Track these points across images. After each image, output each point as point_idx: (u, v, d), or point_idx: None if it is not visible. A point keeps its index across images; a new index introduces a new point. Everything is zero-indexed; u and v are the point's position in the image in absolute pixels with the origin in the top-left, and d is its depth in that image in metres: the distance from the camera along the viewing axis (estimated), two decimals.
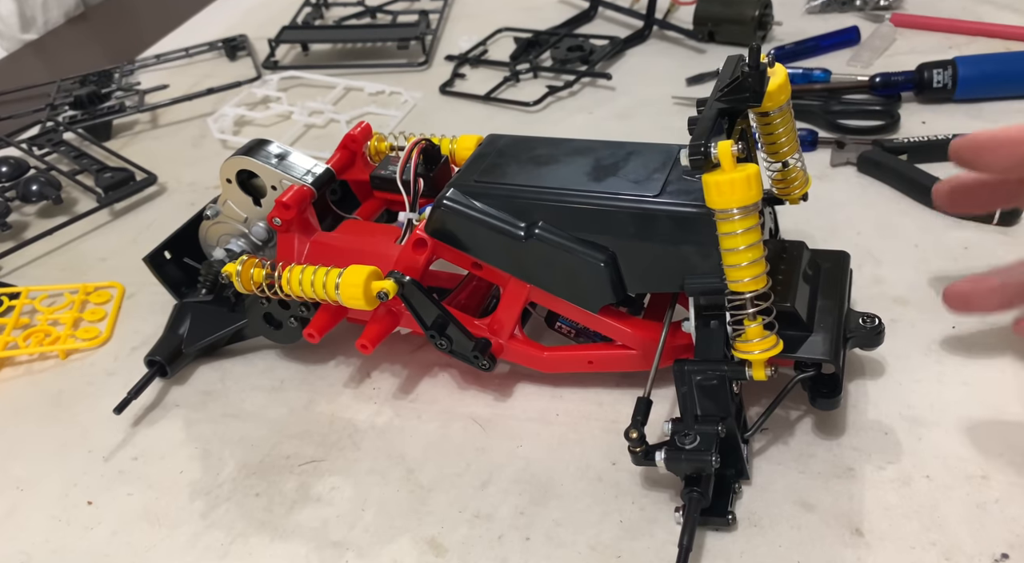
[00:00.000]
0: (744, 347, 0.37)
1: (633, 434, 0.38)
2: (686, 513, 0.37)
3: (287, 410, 0.49)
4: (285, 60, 0.89)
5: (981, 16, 0.76)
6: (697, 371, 0.38)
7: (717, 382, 0.38)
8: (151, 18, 1.08)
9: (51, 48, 1.06)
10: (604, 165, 0.43)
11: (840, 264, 0.45)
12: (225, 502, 0.44)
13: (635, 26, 0.83)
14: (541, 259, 0.42)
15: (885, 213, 0.55)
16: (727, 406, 0.39)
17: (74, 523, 0.44)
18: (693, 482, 0.38)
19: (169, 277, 0.55)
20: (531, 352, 0.46)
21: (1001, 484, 0.39)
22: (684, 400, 0.39)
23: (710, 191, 0.35)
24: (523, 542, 0.40)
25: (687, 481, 0.38)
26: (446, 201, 0.44)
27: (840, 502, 0.39)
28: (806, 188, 0.45)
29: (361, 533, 0.42)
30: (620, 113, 0.72)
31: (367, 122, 0.53)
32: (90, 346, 0.56)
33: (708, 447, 0.38)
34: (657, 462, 0.38)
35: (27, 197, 0.69)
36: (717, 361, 0.39)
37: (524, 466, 0.44)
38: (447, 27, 0.92)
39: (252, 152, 0.50)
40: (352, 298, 0.43)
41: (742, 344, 0.37)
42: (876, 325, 0.42)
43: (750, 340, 0.37)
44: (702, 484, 0.38)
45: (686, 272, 0.39)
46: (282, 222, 0.48)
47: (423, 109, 0.77)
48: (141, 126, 0.82)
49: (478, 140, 0.50)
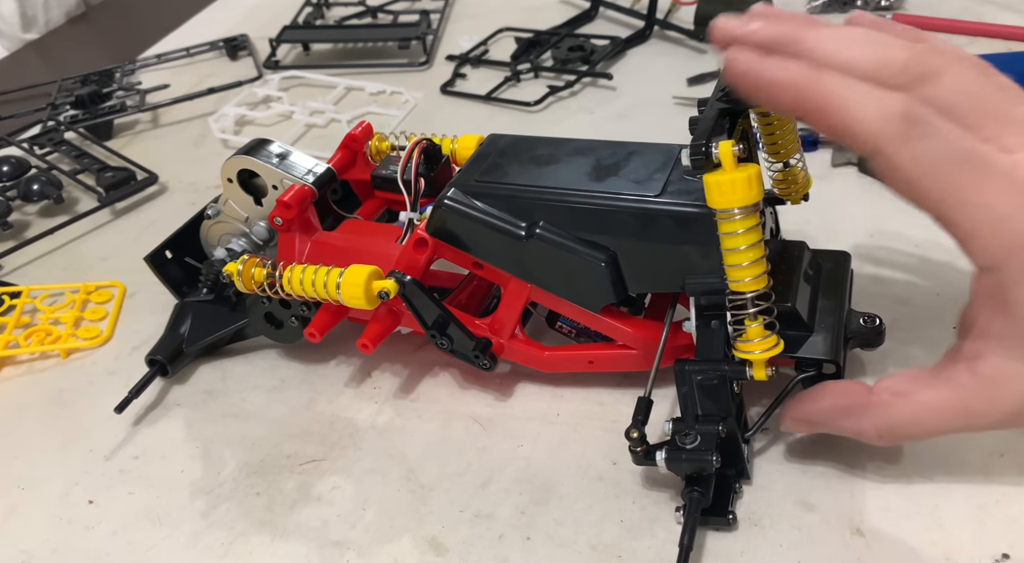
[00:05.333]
0: (745, 347, 0.37)
1: (634, 434, 0.38)
2: (687, 513, 0.37)
3: (288, 409, 0.49)
4: (286, 60, 0.89)
5: (982, 16, 0.76)
6: (698, 371, 0.38)
7: (718, 382, 0.38)
8: (152, 18, 1.08)
9: (52, 48, 1.06)
10: (605, 165, 0.43)
11: (841, 264, 0.45)
12: (226, 501, 0.44)
13: (636, 26, 0.83)
14: (542, 259, 0.42)
15: (886, 213, 0.55)
16: (728, 406, 0.39)
17: (75, 522, 0.44)
18: (694, 482, 0.38)
19: (170, 276, 0.55)
20: (532, 352, 0.46)
21: (1001, 484, 0.39)
22: (685, 400, 0.39)
23: (711, 191, 0.35)
24: (524, 542, 0.40)
25: (688, 481, 0.38)
26: (447, 201, 0.44)
27: (840, 502, 0.39)
28: (807, 188, 0.45)
29: (362, 532, 0.42)
30: (621, 113, 0.72)
31: (368, 122, 0.53)
32: (91, 345, 0.56)
33: (709, 447, 0.38)
34: (658, 462, 0.38)
35: (28, 196, 0.69)
36: (718, 361, 0.39)
37: (525, 466, 0.44)
38: (448, 27, 0.92)
39: (253, 152, 0.50)
40: (353, 297, 0.43)
41: (743, 344, 0.37)
42: (877, 325, 0.42)
43: (751, 340, 0.37)
44: (703, 484, 0.38)
45: (687, 272, 0.39)
46: (283, 222, 0.48)
47: (424, 109, 0.77)
48: (142, 126, 0.82)
49: (479, 140, 0.50)
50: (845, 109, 0.32)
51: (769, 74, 0.33)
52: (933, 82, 0.32)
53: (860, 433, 0.37)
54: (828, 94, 0.32)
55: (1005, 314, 0.32)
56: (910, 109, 0.31)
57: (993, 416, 0.34)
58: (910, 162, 0.31)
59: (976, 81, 0.32)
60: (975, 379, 0.34)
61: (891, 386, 0.36)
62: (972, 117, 0.32)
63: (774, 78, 0.33)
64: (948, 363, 0.35)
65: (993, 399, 0.33)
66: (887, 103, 0.31)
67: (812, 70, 0.32)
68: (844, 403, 0.37)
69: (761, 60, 0.33)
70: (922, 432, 0.36)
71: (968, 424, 0.35)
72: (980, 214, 0.31)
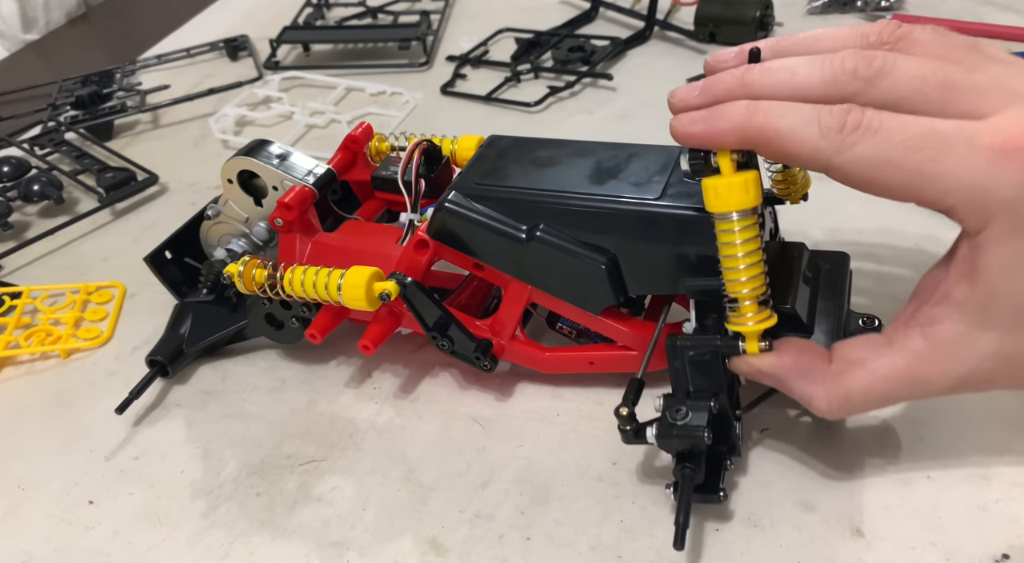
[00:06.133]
0: (738, 320, 0.37)
1: (623, 411, 0.38)
2: (680, 489, 0.37)
3: (288, 410, 0.49)
4: (286, 60, 0.89)
5: (982, 17, 0.76)
6: (690, 346, 0.38)
7: (710, 357, 0.38)
8: (152, 18, 1.09)
9: (53, 48, 1.06)
10: (605, 167, 0.43)
11: (840, 265, 0.45)
12: (226, 502, 0.44)
13: (636, 27, 0.83)
14: (542, 261, 0.42)
15: (886, 213, 0.55)
16: (720, 381, 0.38)
17: (75, 522, 0.44)
18: (685, 458, 0.38)
19: (170, 277, 0.55)
20: (532, 353, 0.46)
21: (1001, 484, 0.39)
22: (676, 375, 0.39)
23: (708, 195, 0.35)
24: (524, 542, 0.40)
25: (679, 457, 0.38)
26: (448, 204, 0.44)
27: (840, 502, 0.39)
28: (806, 188, 0.45)
29: (362, 533, 0.42)
30: (621, 113, 0.72)
31: (368, 123, 0.53)
32: (91, 346, 0.56)
33: (700, 422, 0.37)
34: (648, 438, 0.38)
35: (29, 197, 0.69)
36: (710, 336, 0.38)
37: (525, 466, 0.44)
38: (448, 28, 0.92)
39: (253, 152, 0.50)
40: (354, 299, 0.43)
41: (736, 317, 0.37)
42: (876, 327, 0.42)
43: (744, 314, 0.37)
44: (694, 460, 0.38)
45: (687, 274, 0.39)
46: (284, 223, 0.48)
47: (424, 109, 0.77)
48: (142, 126, 0.82)
49: (479, 140, 0.50)
50: (782, 136, 0.33)
51: (702, 129, 0.34)
52: (887, 77, 0.33)
53: (811, 399, 0.37)
54: (764, 126, 0.33)
55: (971, 281, 0.33)
56: (846, 118, 0.32)
57: (942, 383, 0.34)
58: (857, 164, 0.32)
59: (932, 63, 0.33)
60: (929, 345, 0.34)
61: (848, 353, 0.36)
62: (936, 97, 0.32)
63: (713, 130, 0.34)
64: (900, 329, 0.35)
65: (944, 366, 0.34)
66: (823, 120, 0.32)
67: (747, 108, 0.34)
68: (805, 363, 0.37)
69: (694, 120, 0.35)
70: (872, 403, 0.36)
71: (916, 392, 0.35)
72: (950, 187, 0.31)
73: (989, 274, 0.32)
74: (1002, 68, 0.33)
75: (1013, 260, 0.32)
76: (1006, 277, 0.32)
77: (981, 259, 0.32)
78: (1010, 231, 0.31)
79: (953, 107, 0.32)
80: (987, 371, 0.34)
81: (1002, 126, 0.31)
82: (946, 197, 0.32)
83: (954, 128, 0.31)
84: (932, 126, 0.32)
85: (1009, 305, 0.32)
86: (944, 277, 0.34)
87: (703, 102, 0.35)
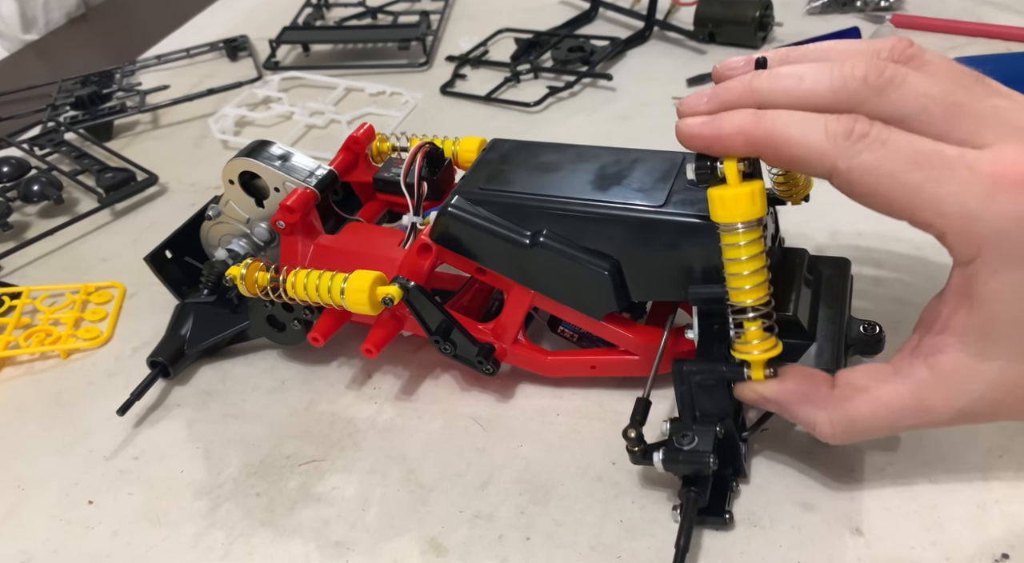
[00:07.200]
0: (744, 348, 0.37)
1: (631, 433, 0.38)
2: (683, 513, 0.38)
3: (288, 410, 0.49)
4: (286, 61, 0.89)
5: (982, 17, 0.76)
6: (696, 371, 0.38)
7: (715, 383, 0.38)
8: (152, 18, 1.09)
9: (52, 48, 1.06)
10: (609, 173, 0.43)
11: (841, 271, 0.45)
12: (226, 502, 0.44)
13: (636, 27, 0.83)
14: (546, 267, 0.42)
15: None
16: (726, 406, 0.39)
17: (75, 523, 0.44)
18: (691, 481, 0.38)
19: (170, 276, 0.55)
20: (534, 357, 0.46)
21: (1001, 484, 0.39)
22: (682, 400, 0.39)
23: (715, 205, 0.35)
24: (523, 542, 0.40)
25: (685, 480, 0.38)
26: (451, 208, 0.44)
27: (840, 502, 0.39)
28: (808, 190, 0.45)
29: (362, 533, 0.42)
30: (621, 114, 0.72)
31: (370, 124, 0.53)
32: (91, 346, 0.56)
33: (706, 448, 0.38)
34: (655, 462, 0.38)
35: (28, 197, 0.69)
36: (716, 361, 0.39)
37: (524, 466, 0.44)
38: (448, 28, 0.92)
39: (255, 154, 0.50)
40: (358, 303, 0.43)
41: (741, 345, 0.37)
42: (877, 333, 0.42)
43: (750, 341, 0.37)
44: (700, 484, 0.38)
45: (690, 281, 0.39)
46: (286, 225, 0.48)
47: (424, 109, 0.77)
48: (142, 126, 0.82)
49: (481, 142, 0.50)
50: (791, 141, 0.33)
51: (709, 131, 0.34)
52: (897, 89, 0.33)
53: (814, 424, 0.37)
54: (772, 131, 0.33)
55: (969, 309, 0.33)
56: (854, 126, 0.32)
57: (946, 413, 0.34)
58: (862, 172, 0.32)
59: (941, 84, 0.33)
60: (932, 375, 0.34)
61: (852, 380, 0.36)
62: (940, 118, 0.32)
63: (720, 133, 0.34)
64: (906, 358, 0.35)
65: (948, 396, 0.34)
66: (831, 126, 0.32)
67: (754, 114, 0.34)
68: (807, 389, 0.37)
69: (702, 122, 0.35)
70: (876, 429, 0.36)
71: (921, 421, 0.35)
72: (947, 211, 0.31)
73: (984, 302, 0.32)
74: (1005, 102, 0.33)
75: (1008, 291, 0.32)
76: (1002, 306, 0.32)
77: (976, 287, 0.32)
78: (1000, 262, 0.31)
79: (955, 131, 0.32)
80: (992, 401, 0.34)
81: (1001, 158, 0.31)
82: (940, 220, 0.32)
83: (957, 153, 0.31)
84: (937, 147, 0.32)
85: (1010, 334, 0.32)
86: (945, 307, 0.34)
87: (712, 109, 0.35)
